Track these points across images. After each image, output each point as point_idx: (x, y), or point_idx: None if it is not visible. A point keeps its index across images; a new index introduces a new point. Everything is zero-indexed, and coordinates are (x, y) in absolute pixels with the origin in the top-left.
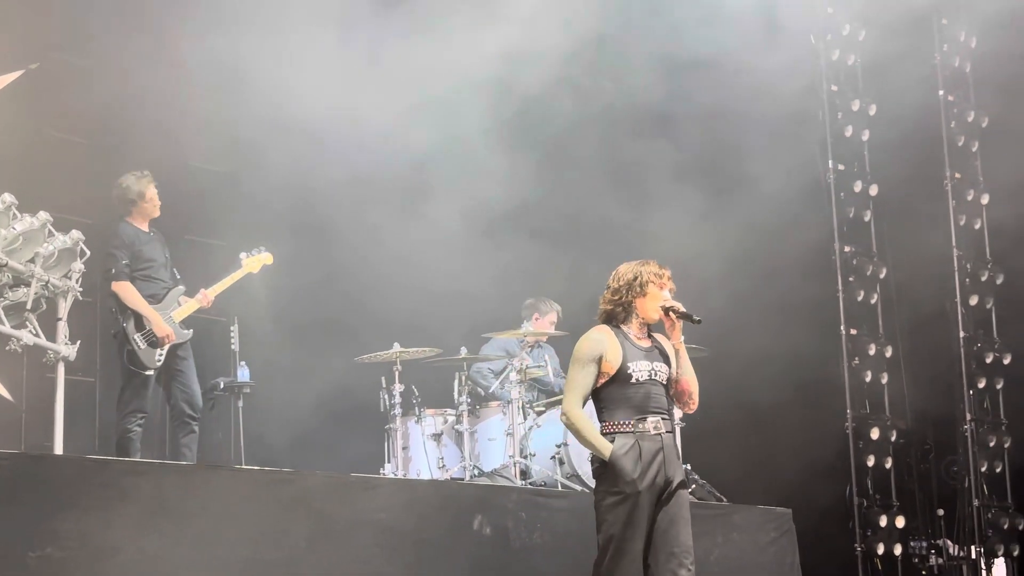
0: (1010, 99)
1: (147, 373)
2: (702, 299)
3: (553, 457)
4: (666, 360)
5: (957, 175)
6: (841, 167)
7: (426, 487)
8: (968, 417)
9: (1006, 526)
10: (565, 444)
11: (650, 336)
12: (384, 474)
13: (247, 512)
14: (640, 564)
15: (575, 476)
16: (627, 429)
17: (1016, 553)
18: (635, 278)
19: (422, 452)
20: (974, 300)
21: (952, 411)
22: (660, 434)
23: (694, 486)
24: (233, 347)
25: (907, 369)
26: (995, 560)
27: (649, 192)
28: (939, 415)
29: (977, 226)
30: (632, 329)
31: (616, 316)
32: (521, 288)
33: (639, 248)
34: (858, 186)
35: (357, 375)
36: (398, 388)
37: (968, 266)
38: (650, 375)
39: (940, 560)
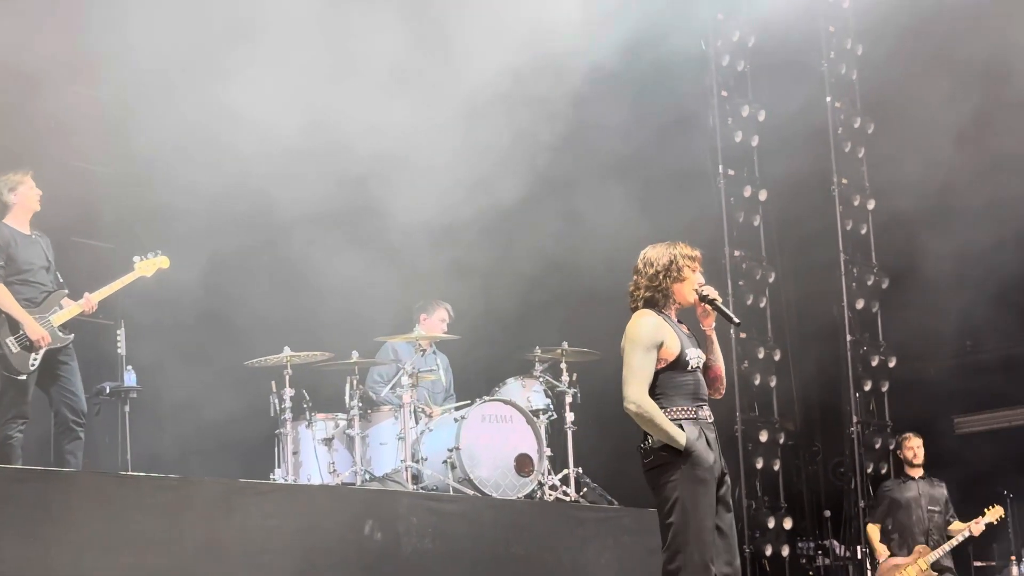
0: (895, 106)
1: (20, 378)
2: (597, 302)
3: (445, 461)
4: (701, 346)
5: (844, 180)
6: (731, 172)
7: (316, 492)
8: (854, 419)
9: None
10: (457, 448)
11: (680, 321)
12: (274, 479)
13: (133, 519)
14: (713, 555)
15: (467, 480)
16: (690, 416)
17: None
18: (671, 262)
19: (313, 457)
20: (860, 304)
21: (839, 413)
22: (713, 423)
23: (585, 489)
24: (119, 351)
25: (795, 372)
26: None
27: (544, 198)
28: (826, 417)
29: (863, 231)
30: (671, 315)
31: (656, 302)
32: (418, 292)
33: (540, 254)
34: (747, 191)
35: (246, 379)
36: (288, 392)
37: (855, 270)
38: (699, 362)
39: (827, 561)
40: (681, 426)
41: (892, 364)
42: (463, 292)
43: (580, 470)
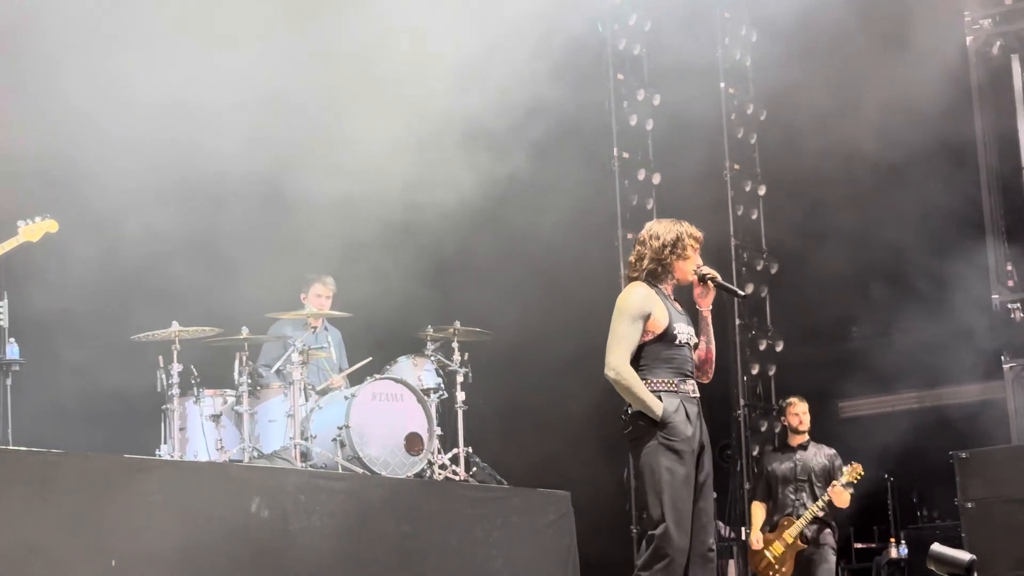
0: (787, 93)
1: None
2: (491, 282)
3: (334, 439)
4: (692, 325)
5: (736, 166)
6: (626, 155)
7: (203, 469)
8: (741, 402)
9: None
10: (347, 426)
11: (676, 299)
12: (159, 456)
13: (13, 495)
14: (690, 526)
15: (356, 459)
16: (672, 389)
17: None
18: (678, 239)
19: (200, 433)
20: (749, 288)
21: (726, 396)
22: (697, 397)
23: (475, 468)
24: (1, 323)
25: None
26: None
27: (439, 178)
28: (714, 400)
29: (754, 216)
30: (667, 290)
31: (657, 275)
32: (310, 268)
33: (433, 233)
34: (642, 174)
35: (133, 353)
36: (176, 368)
37: (744, 255)
38: (688, 338)
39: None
40: (660, 397)
41: (779, 348)
42: (356, 270)
43: (470, 449)
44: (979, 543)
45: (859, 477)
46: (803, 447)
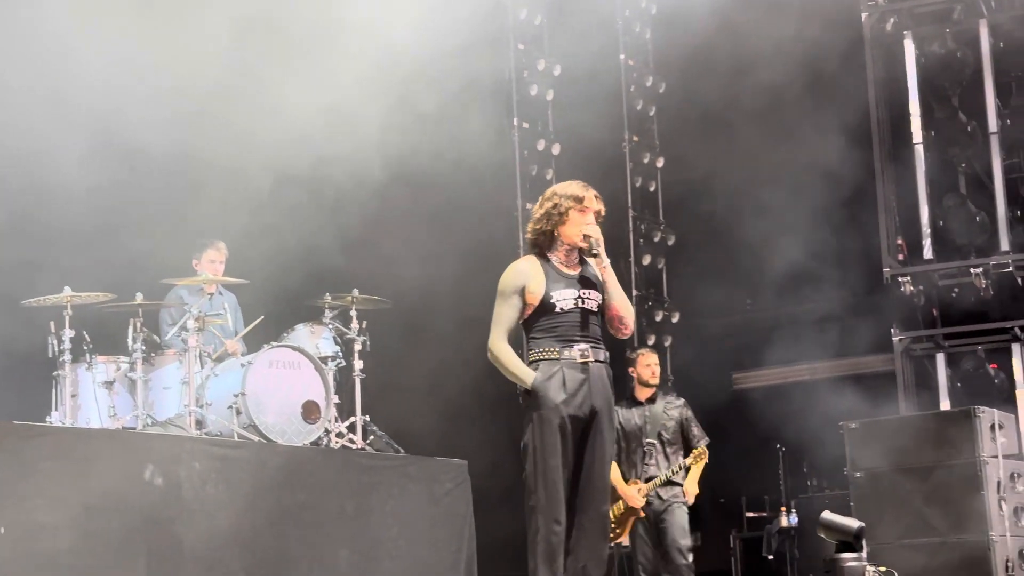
0: (686, 67)
1: None
2: (390, 251)
3: (230, 407)
4: (597, 286)
5: (635, 138)
6: (525, 125)
7: (95, 436)
8: None
9: None
10: (243, 394)
11: (581, 262)
12: (50, 422)
13: None
14: (562, 494)
15: (252, 426)
16: (551, 356)
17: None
18: (554, 206)
19: (92, 400)
20: (647, 260)
21: (623, 369)
22: (588, 363)
23: (372, 437)
24: None
25: None
26: None
27: (341, 145)
28: (612, 372)
29: (652, 188)
30: (559, 256)
31: (540, 245)
32: (204, 233)
33: (333, 200)
34: (541, 144)
35: (23, 319)
36: (68, 333)
37: (642, 227)
38: (577, 302)
39: None
40: (539, 367)
41: (675, 320)
42: (252, 236)
43: (367, 418)
44: (867, 511)
45: (696, 460)
46: (651, 400)
